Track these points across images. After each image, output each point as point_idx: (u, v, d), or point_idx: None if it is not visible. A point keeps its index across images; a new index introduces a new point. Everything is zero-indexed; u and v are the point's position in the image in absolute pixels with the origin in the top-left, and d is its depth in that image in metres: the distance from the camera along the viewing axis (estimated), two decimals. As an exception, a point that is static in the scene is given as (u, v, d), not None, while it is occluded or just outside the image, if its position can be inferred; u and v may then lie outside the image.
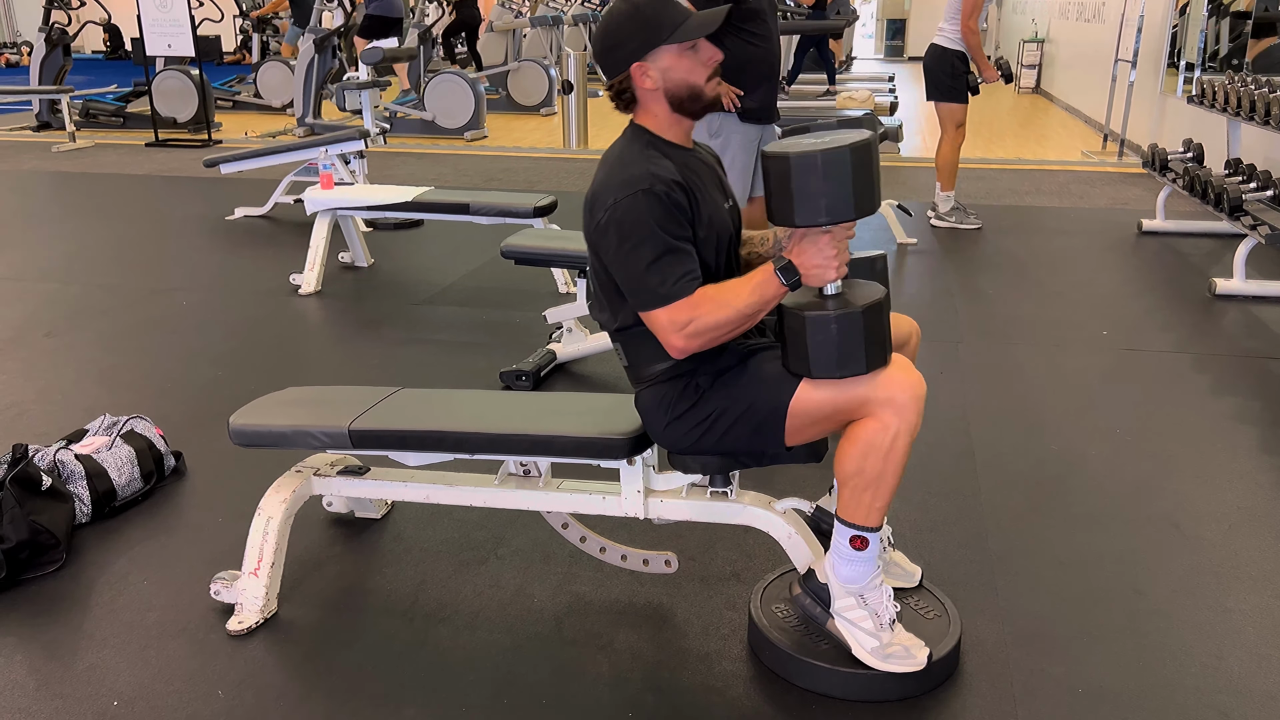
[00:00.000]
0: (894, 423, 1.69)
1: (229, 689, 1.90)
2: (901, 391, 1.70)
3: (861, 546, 1.79)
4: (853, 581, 1.82)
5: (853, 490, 1.75)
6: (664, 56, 1.77)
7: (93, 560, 2.34)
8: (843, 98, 9.09)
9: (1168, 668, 1.94)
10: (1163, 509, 2.54)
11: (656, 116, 1.83)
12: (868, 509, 1.76)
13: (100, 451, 2.57)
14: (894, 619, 1.85)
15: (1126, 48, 7.90)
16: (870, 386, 1.71)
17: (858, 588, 1.82)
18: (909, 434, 1.71)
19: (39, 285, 4.59)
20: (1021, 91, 13.20)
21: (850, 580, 1.83)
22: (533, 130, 9.92)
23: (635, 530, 2.39)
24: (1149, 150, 5.61)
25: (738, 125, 3.79)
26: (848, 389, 1.72)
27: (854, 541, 1.79)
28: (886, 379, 1.71)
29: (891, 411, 1.69)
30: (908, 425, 1.70)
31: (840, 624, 1.85)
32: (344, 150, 5.58)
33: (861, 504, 1.76)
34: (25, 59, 17.18)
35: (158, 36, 8.61)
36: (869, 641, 1.82)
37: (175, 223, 5.87)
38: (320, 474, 2.22)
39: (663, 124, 1.83)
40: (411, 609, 2.14)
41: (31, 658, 2.00)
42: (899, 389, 1.70)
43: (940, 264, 4.88)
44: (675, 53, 1.77)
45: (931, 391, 3.28)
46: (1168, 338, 3.80)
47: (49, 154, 8.30)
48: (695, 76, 1.78)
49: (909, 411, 1.70)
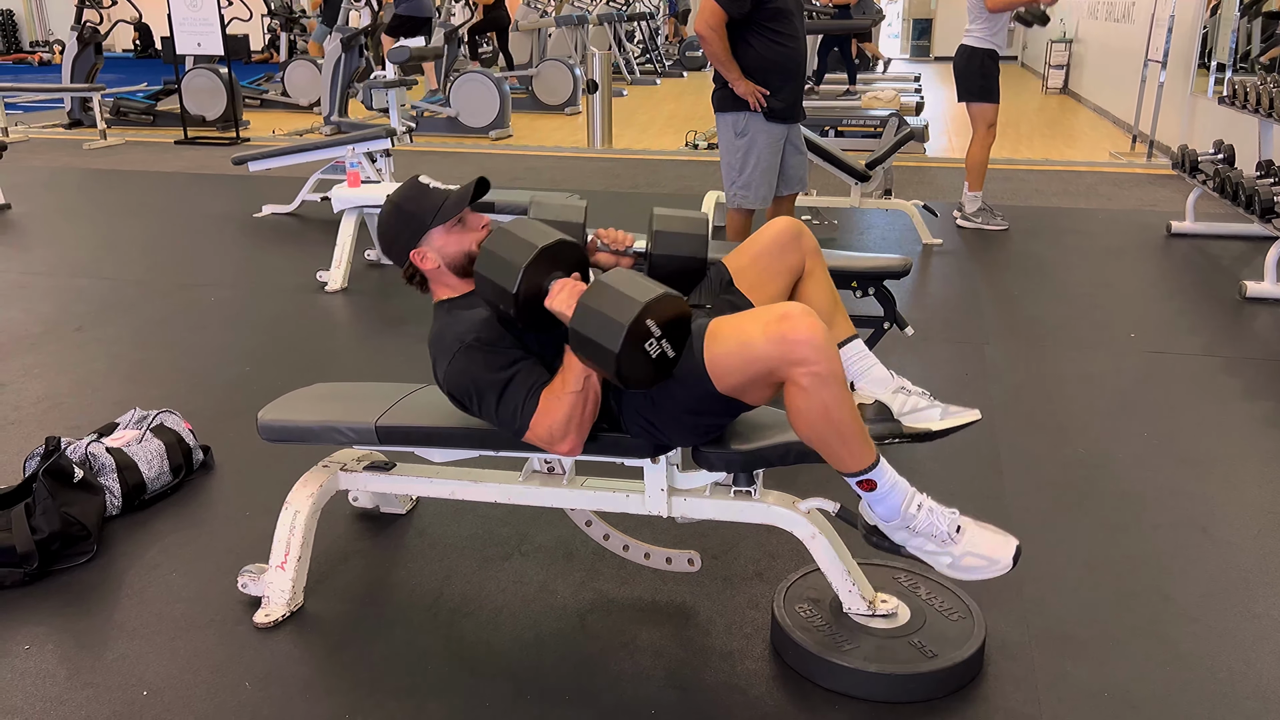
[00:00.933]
0: (809, 381, 1.66)
1: (255, 681, 1.92)
2: (799, 346, 1.65)
3: (870, 488, 1.76)
4: (890, 518, 1.80)
5: (824, 450, 1.74)
6: (435, 238, 1.98)
7: (123, 552, 2.37)
8: (868, 98, 9.05)
9: (1195, 673, 1.92)
10: (1191, 513, 2.51)
11: (451, 287, 2.02)
12: (848, 455, 1.74)
13: (131, 445, 2.61)
14: (957, 526, 1.79)
15: (1157, 48, 7.82)
16: (766, 347, 1.68)
17: (900, 521, 1.79)
18: (832, 380, 1.67)
19: (71, 280, 4.66)
20: (1049, 92, 13.10)
21: (887, 517, 1.80)
22: (557, 129, 9.94)
23: (658, 528, 2.40)
24: (1179, 151, 5.55)
25: (764, 124, 3.79)
26: (744, 354, 1.71)
27: (862, 485, 1.77)
28: (779, 336, 1.67)
29: (802, 370, 1.66)
30: (824, 375, 1.66)
31: (915, 552, 1.82)
32: (371, 149, 5.62)
33: (839, 455, 1.74)
34: (57, 57, 17.40)
35: (187, 35, 8.70)
36: (942, 559, 1.79)
37: (204, 219, 5.93)
38: (347, 469, 2.24)
39: (458, 288, 2.02)
40: (436, 604, 2.16)
41: (63, 647, 2.03)
42: (796, 345, 1.66)
43: (966, 265, 4.85)
44: (443, 231, 1.98)
45: (957, 393, 3.27)
46: (1197, 340, 3.76)
47: (80, 151, 8.41)
48: (468, 244, 1.99)
49: (817, 361, 1.65)
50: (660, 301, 1.68)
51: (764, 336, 1.68)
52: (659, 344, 1.69)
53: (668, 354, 1.72)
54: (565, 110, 11.06)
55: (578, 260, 1.89)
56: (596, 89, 8.49)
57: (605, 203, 6.19)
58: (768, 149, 3.83)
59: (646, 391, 1.83)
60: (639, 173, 7.26)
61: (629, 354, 1.66)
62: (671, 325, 1.70)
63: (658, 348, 1.70)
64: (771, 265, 2.05)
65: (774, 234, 2.07)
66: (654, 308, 1.67)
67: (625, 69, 14.05)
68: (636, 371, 1.70)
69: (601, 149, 8.49)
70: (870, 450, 1.75)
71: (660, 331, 1.69)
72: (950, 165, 7.50)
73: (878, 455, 1.76)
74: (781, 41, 3.73)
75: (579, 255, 1.89)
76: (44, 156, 8.14)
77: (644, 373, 1.71)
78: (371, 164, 5.66)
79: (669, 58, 16.52)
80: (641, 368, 1.70)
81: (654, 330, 1.68)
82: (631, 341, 1.65)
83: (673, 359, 1.73)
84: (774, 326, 1.68)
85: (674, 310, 1.71)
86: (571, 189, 6.35)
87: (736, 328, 1.74)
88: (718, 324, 1.78)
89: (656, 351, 1.70)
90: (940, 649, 1.89)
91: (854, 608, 1.98)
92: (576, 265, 1.89)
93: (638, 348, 1.67)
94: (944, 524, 1.79)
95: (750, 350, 1.70)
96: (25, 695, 1.89)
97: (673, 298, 1.71)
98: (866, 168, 5.12)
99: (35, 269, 4.86)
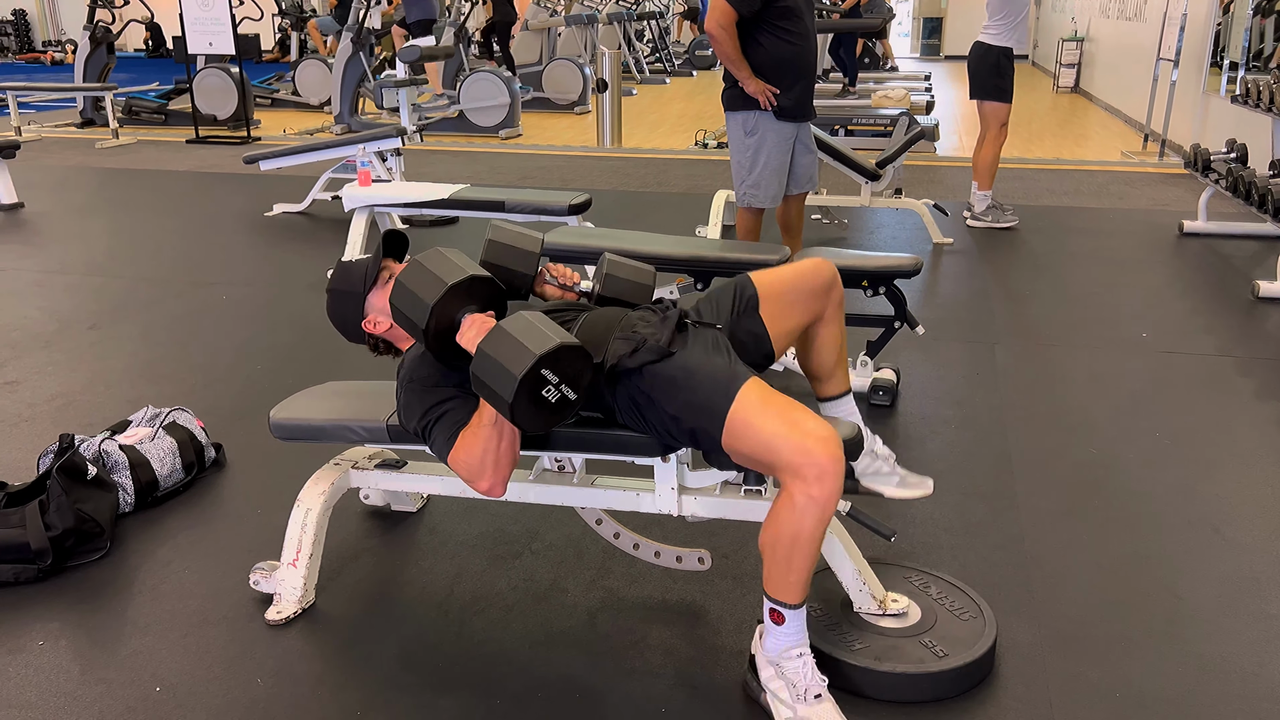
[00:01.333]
0: (801, 502, 1.65)
1: (267, 677, 1.93)
2: (810, 465, 1.64)
3: (779, 621, 1.74)
4: (772, 650, 1.77)
5: (769, 563, 1.72)
6: (374, 301, 2.05)
7: (135, 549, 2.39)
8: (878, 96, 9.03)
9: (1207, 674, 1.92)
10: (1203, 513, 2.50)
11: (405, 336, 2.05)
12: (783, 583, 1.72)
13: (143, 442, 2.62)
14: (818, 693, 1.74)
15: (1169, 46, 7.78)
16: (783, 439, 1.67)
17: (775, 657, 1.77)
18: (818, 513, 1.65)
19: (84, 279, 4.68)
20: (1060, 91, 13.05)
21: (771, 649, 1.78)
22: (567, 129, 9.95)
23: (668, 527, 2.40)
24: (1191, 150, 5.52)
25: (773, 123, 3.79)
26: (762, 428, 1.70)
27: (772, 615, 1.75)
28: (798, 442, 1.66)
29: (799, 486, 1.65)
30: (816, 504, 1.64)
31: (768, 697, 1.79)
32: (381, 148, 5.64)
33: (779, 576, 1.72)
34: (69, 57, 17.49)
35: (199, 35, 8.74)
36: (784, 712, 1.75)
37: (215, 218, 5.96)
38: (358, 467, 2.25)
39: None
40: (447, 601, 2.17)
41: (76, 643, 2.05)
42: (807, 459, 1.64)
43: (976, 264, 4.84)
44: (379, 292, 2.04)
45: (968, 392, 3.27)
46: (1209, 340, 3.74)
47: (93, 150, 8.45)
48: None
49: (816, 487, 1.64)
50: (558, 353, 1.67)
51: (792, 439, 1.66)
52: (558, 389, 1.69)
53: (568, 397, 1.71)
54: (575, 109, 11.07)
55: (491, 295, 1.89)
56: (606, 88, 8.49)
57: (614, 202, 6.19)
58: (777, 148, 3.82)
59: (645, 389, 1.82)
60: (648, 172, 7.26)
61: (523, 403, 1.67)
62: (571, 370, 1.70)
63: (556, 393, 1.69)
64: (797, 303, 2.04)
65: (808, 276, 2.05)
66: (549, 359, 1.66)
67: (635, 68, 14.05)
68: (533, 417, 1.70)
69: (611, 148, 8.49)
70: (804, 593, 1.73)
71: (558, 378, 1.68)
72: (961, 164, 7.48)
73: (805, 601, 1.74)
74: (792, 40, 3.73)
75: (493, 290, 1.89)
76: (57, 155, 8.18)
77: (542, 418, 1.71)
78: (382, 163, 5.68)
79: (678, 57, 16.51)
80: (538, 414, 1.70)
81: (550, 378, 1.68)
82: (526, 390, 1.66)
83: (574, 400, 1.72)
84: (808, 439, 1.66)
85: (572, 360, 1.70)
86: (580, 188, 6.36)
87: (779, 412, 1.70)
88: (765, 395, 1.74)
89: (556, 396, 1.70)
90: (951, 649, 1.89)
91: (864, 607, 1.98)
92: (490, 301, 1.88)
93: (534, 396, 1.67)
94: (808, 680, 1.74)
95: (774, 441, 1.68)
96: (39, 690, 1.90)
97: (571, 349, 1.69)
98: (877, 166, 5.12)
99: (49, 267, 4.89)
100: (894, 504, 2.54)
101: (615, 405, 1.88)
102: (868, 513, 1.97)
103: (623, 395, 1.86)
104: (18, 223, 5.86)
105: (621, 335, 1.88)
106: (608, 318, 1.96)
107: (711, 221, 5.03)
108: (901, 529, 2.41)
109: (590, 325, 1.93)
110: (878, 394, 3.14)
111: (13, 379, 3.44)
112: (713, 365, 1.83)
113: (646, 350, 1.84)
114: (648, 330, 1.90)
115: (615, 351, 1.85)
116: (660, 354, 1.84)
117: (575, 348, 1.70)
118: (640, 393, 1.83)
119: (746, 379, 1.77)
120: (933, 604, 2.02)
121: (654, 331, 1.89)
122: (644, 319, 1.94)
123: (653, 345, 1.85)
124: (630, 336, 1.87)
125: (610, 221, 5.51)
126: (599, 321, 1.94)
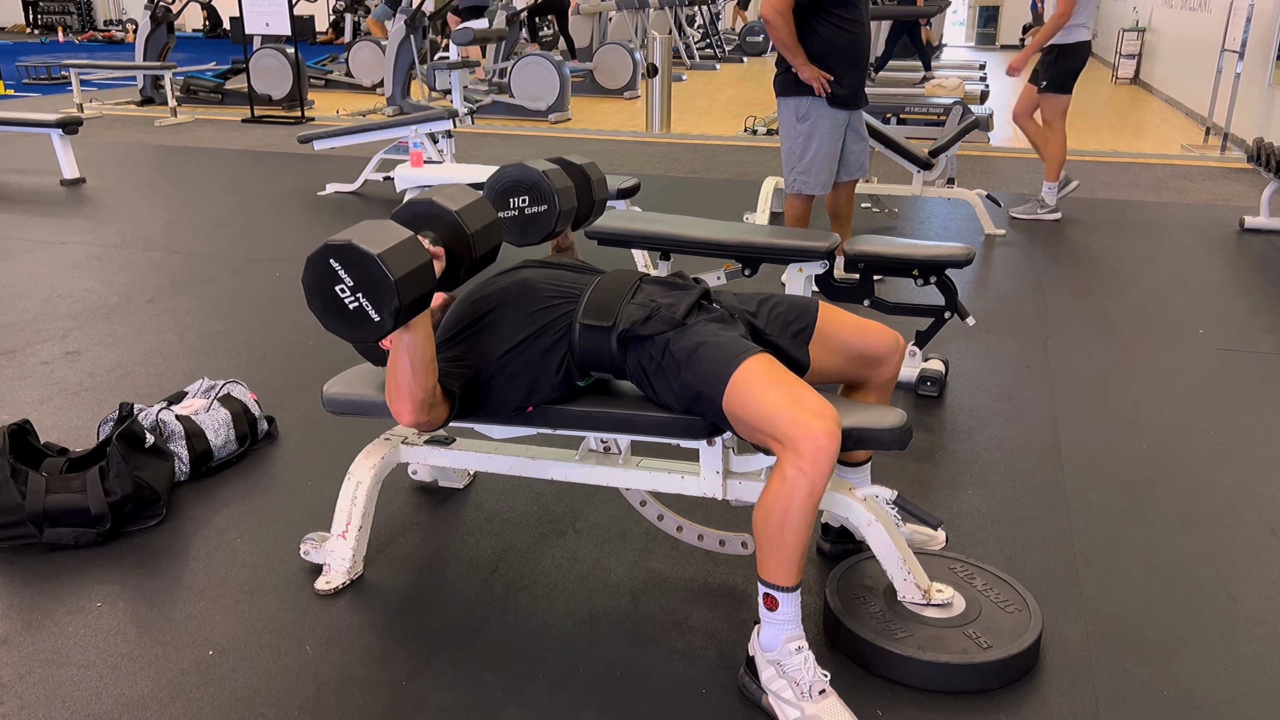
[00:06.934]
0: (791, 474, 1.64)
1: (316, 645, 1.97)
2: (807, 438, 1.64)
3: (772, 606, 1.72)
4: (770, 647, 1.75)
5: (761, 543, 1.71)
6: None
7: (190, 516, 2.44)
8: (932, 85, 8.91)
9: (1261, 676, 1.88)
10: (1260, 514, 2.45)
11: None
12: (775, 564, 1.70)
13: (199, 413, 2.68)
14: (823, 689, 1.71)
15: (1234, 38, 7.58)
16: (782, 410, 1.67)
17: (775, 655, 1.74)
18: (808, 488, 1.64)
19: (143, 254, 4.78)
20: (1119, 82, 12.77)
21: (768, 645, 1.75)
22: (616, 113, 9.94)
23: (712, 510, 2.41)
24: (1254, 145, 5.38)
25: (826, 110, 3.76)
26: (762, 397, 1.70)
27: (765, 600, 1.73)
28: (796, 415, 1.66)
29: (791, 459, 1.65)
30: (805, 478, 1.64)
31: (770, 699, 1.75)
32: (433, 129, 5.69)
33: (770, 558, 1.70)
34: (130, 36, 17.82)
35: (256, 15, 8.86)
36: (789, 712, 1.71)
37: (270, 196, 6.05)
38: (408, 442, 2.28)
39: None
40: (492, 577, 2.19)
41: (134, 605, 2.10)
42: (804, 432, 1.64)
43: (1029, 257, 4.77)
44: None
45: (1018, 386, 3.23)
46: (1270, 339, 3.65)
47: (152, 128, 8.62)
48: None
49: (809, 462, 1.63)
50: (345, 250, 1.64)
51: (792, 413, 1.67)
52: (354, 296, 1.66)
53: (366, 312, 1.66)
54: (624, 94, 11.05)
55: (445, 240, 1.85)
56: (656, 73, 8.47)
57: (663, 187, 6.18)
58: (829, 134, 3.79)
59: (654, 355, 1.86)
60: (697, 158, 7.24)
61: (314, 294, 1.69)
62: (368, 280, 1.64)
63: (354, 300, 1.66)
64: (844, 358, 2.04)
65: (869, 338, 2.03)
66: (337, 250, 1.64)
67: (685, 53, 13.99)
68: (335, 320, 1.70)
69: (660, 133, 8.48)
70: (797, 575, 1.71)
71: (352, 282, 1.65)
72: (1015, 155, 7.36)
73: (799, 584, 1.72)
74: (846, 27, 3.70)
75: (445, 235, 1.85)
76: (117, 132, 8.35)
77: (344, 327, 1.69)
78: (433, 145, 5.73)
79: (729, 42, 16.41)
80: (339, 321, 1.69)
81: (344, 277, 1.65)
82: (314, 274, 1.66)
83: (374, 320, 1.67)
84: (806, 413, 1.66)
85: (367, 267, 1.64)
86: (629, 172, 6.35)
87: (782, 386, 1.72)
88: (770, 368, 1.76)
89: (353, 304, 1.67)
90: (995, 640, 1.87)
91: (908, 596, 1.97)
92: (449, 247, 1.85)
93: (325, 291, 1.67)
94: (810, 677, 1.71)
95: (773, 411, 1.69)
96: (98, 650, 1.96)
97: (360, 251, 1.63)
98: (930, 155, 5.05)
99: (110, 241, 5.00)
100: (940, 494, 2.52)
101: (625, 367, 1.93)
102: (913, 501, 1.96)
103: (632, 360, 1.90)
104: (79, 198, 6.00)
105: (638, 302, 1.92)
106: (619, 281, 2.00)
107: (760, 208, 5.01)
108: (948, 520, 2.39)
109: (602, 288, 1.98)
110: (925, 384, 3.12)
111: (74, 349, 3.53)
112: (723, 338, 1.85)
113: (659, 320, 1.88)
114: (665, 300, 1.93)
115: (629, 316, 1.89)
116: (671, 324, 1.87)
117: (371, 256, 1.62)
118: (650, 359, 1.87)
119: (756, 352, 1.79)
120: (977, 595, 2.00)
121: (671, 303, 1.93)
122: (663, 290, 1.99)
123: (666, 315, 1.88)
124: (646, 304, 1.92)
125: (658, 206, 5.51)
126: (609, 285, 1.99)
